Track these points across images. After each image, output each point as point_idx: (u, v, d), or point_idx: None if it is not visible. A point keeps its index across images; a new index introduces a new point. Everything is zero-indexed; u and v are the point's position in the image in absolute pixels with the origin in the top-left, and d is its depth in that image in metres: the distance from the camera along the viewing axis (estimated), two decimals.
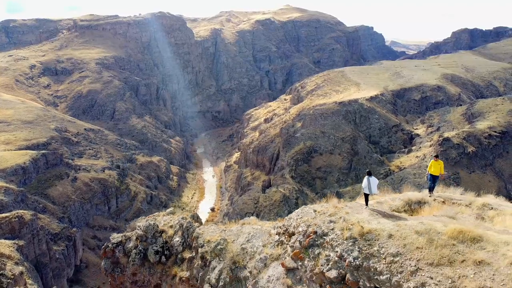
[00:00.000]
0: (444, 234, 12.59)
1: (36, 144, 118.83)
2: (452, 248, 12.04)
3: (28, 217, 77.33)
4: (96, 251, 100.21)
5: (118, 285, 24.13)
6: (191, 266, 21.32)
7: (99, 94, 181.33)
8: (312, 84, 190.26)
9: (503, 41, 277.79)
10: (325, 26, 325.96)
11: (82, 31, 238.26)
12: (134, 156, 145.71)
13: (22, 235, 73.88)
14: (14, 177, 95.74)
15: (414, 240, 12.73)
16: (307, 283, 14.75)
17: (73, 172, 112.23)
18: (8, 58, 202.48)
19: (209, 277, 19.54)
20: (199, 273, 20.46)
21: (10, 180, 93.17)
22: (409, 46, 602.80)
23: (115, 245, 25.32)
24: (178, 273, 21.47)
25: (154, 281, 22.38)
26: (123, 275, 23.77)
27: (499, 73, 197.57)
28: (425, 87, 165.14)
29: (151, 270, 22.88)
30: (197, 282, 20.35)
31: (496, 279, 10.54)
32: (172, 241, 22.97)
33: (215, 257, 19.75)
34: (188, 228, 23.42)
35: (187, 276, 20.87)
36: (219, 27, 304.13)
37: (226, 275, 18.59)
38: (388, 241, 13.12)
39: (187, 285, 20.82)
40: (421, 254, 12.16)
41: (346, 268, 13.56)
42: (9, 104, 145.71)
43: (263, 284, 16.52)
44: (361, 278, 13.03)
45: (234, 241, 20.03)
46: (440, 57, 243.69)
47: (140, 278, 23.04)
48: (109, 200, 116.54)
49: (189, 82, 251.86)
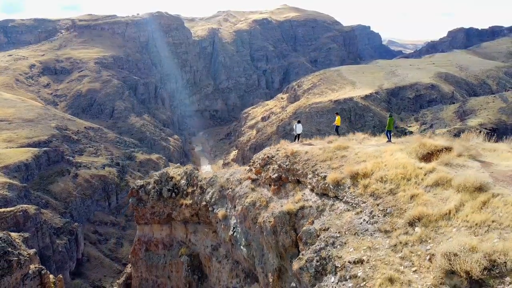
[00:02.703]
0: (331, 147, 21.36)
1: (38, 142, 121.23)
2: (333, 153, 20.71)
3: (32, 211, 79.90)
4: (97, 245, 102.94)
5: (141, 216, 32.99)
6: (192, 196, 30.18)
7: (98, 93, 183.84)
8: (308, 83, 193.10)
9: (497, 40, 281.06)
10: (322, 25, 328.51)
11: (80, 31, 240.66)
12: (133, 154, 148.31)
13: (26, 229, 76.31)
14: (17, 173, 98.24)
15: (316, 152, 21.59)
16: (262, 185, 23.93)
17: (74, 169, 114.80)
18: (8, 57, 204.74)
19: (205, 197, 28.84)
20: (198, 198, 29.47)
21: (13, 176, 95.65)
22: (406, 46, 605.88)
23: (138, 187, 34.15)
24: (183, 202, 29.65)
25: (167, 211, 30.72)
26: (144, 208, 32.63)
27: (492, 71, 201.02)
28: (419, 85, 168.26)
29: (164, 203, 31.79)
30: (197, 206, 29.44)
31: (348, 161, 19.06)
32: (179, 182, 31.21)
33: (209, 186, 28.95)
34: (190, 173, 32.17)
35: (190, 203, 29.80)
36: (216, 26, 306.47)
37: (216, 195, 27.95)
38: (304, 155, 21.80)
39: (190, 209, 29.79)
40: (318, 158, 20.85)
41: (281, 171, 22.30)
42: (10, 103, 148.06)
43: (237, 190, 25.31)
44: (289, 175, 21.84)
45: (222, 176, 28.82)
46: (435, 56, 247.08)
47: (156, 209, 31.85)
48: (109, 196, 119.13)
49: (187, 81, 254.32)
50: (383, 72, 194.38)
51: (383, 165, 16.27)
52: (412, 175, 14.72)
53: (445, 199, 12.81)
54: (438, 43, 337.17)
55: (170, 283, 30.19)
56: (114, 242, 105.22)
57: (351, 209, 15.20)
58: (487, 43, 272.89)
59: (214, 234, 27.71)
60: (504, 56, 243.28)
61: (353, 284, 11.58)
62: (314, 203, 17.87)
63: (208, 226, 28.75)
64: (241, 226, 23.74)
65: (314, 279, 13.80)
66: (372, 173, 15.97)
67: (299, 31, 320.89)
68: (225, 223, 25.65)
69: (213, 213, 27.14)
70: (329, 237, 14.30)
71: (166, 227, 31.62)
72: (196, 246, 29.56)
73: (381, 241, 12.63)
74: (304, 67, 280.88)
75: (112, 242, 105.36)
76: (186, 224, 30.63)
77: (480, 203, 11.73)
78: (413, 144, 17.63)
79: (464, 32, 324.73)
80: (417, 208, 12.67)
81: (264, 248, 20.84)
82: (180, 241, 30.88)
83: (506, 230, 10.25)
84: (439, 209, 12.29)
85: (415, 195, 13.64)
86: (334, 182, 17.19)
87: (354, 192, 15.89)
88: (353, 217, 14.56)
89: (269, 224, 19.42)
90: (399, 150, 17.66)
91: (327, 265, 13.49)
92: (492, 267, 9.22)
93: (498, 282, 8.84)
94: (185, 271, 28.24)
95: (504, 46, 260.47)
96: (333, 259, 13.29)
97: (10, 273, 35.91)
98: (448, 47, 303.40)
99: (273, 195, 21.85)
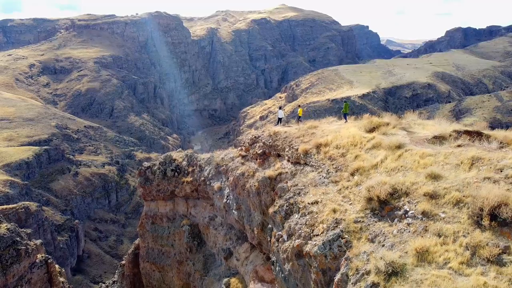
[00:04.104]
0: (304, 127, 25.23)
1: (38, 140, 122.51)
2: (305, 131, 24.48)
3: (34, 208, 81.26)
4: (98, 242, 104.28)
5: (148, 193, 37.73)
6: (193, 174, 34.14)
7: (97, 92, 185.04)
8: (306, 83, 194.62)
9: (494, 40, 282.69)
10: (320, 25, 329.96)
11: (80, 31, 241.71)
12: (132, 153, 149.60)
13: (28, 225, 77.62)
14: (19, 171, 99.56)
15: (293, 131, 25.62)
16: (250, 160, 28.10)
17: (75, 167, 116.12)
18: (8, 57, 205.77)
19: (203, 174, 33.64)
20: (198, 176, 34.23)
21: (14, 174, 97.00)
22: (405, 45, 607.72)
23: (146, 168, 38.79)
24: (185, 180, 34.17)
25: (171, 188, 35.12)
26: (151, 186, 37.02)
27: (488, 71, 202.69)
28: (416, 85, 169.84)
29: (168, 181, 36.33)
30: (196, 182, 34.15)
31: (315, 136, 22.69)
32: (181, 164, 35.79)
33: (207, 164, 33.72)
34: (191, 155, 37.03)
35: (190, 180, 33.87)
36: (215, 26, 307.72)
37: (213, 171, 32.75)
38: (284, 134, 25.69)
39: (190, 185, 34.56)
40: (293, 135, 24.63)
41: (266, 147, 26.35)
42: (10, 102, 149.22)
43: (230, 165, 29.73)
44: (271, 150, 25.82)
45: (218, 156, 33.44)
46: (432, 56, 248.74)
47: (161, 187, 36.44)
48: (109, 194, 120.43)
49: (186, 80, 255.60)
50: (381, 72, 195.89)
51: (339, 137, 20.83)
52: (358, 142, 19.38)
53: (377, 156, 17.35)
54: (436, 43, 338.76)
55: (173, 250, 35.18)
56: (114, 239, 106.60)
57: (314, 170, 19.86)
58: (484, 43, 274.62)
59: (211, 207, 32.70)
60: (501, 55, 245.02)
61: (309, 217, 16.49)
62: (289, 169, 22.16)
63: (206, 201, 33.67)
64: (233, 193, 28.20)
65: (284, 219, 18.65)
66: (331, 143, 20.57)
67: (298, 30, 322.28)
68: (220, 194, 30.36)
69: (210, 186, 31.87)
70: (297, 189, 19.21)
71: (169, 203, 36.33)
72: (196, 218, 34.24)
73: (332, 188, 17.35)
74: (303, 66, 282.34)
75: (112, 239, 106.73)
76: (187, 200, 35.59)
77: (397, 156, 16.48)
78: (363, 121, 22.75)
79: (462, 32, 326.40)
80: (357, 163, 17.36)
81: (251, 208, 25.37)
82: (182, 215, 35.63)
83: (408, 171, 15.13)
84: (371, 162, 16.95)
85: (358, 155, 18.19)
86: (304, 152, 21.59)
87: (317, 158, 20.41)
88: (315, 175, 19.24)
89: (254, 188, 23.97)
90: (353, 126, 22.30)
91: (293, 208, 18.34)
92: (394, 192, 13.95)
93: (396, 201, 13.69)
94: (186, 238, 33.43)
95: (501, 46, 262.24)
96: (298, 203, 18.12)
97: (19, 261, 37.76)
98: (446, 47, 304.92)
99: (259, 166, 26.21)
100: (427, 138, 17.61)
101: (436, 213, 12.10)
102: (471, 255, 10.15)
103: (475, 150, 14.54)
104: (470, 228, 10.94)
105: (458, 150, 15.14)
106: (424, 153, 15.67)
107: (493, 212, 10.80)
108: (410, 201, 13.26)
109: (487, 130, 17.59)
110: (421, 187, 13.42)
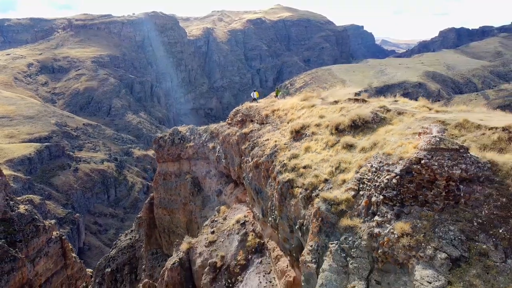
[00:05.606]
0: (267, 102, 35.33)
1: (38, 137, 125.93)
2: (269, 104, 33.85)
3: (37, 201, 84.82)
4: (98, 235, 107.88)
5: (160, 157, 48.33)
6: (194, 140, 46.28)
7: (95, 91, 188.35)
8: (300, 82, 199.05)
9: (485, 40, 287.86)
10: (315, 25, 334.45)
11: (77, 31, 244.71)
12: (130, 150, 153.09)
13: None
14: (21, 166, 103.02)
15: (261, 105, 34.42)
16: (233, 125, 36.85)
17: (75, 163, 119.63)
18: (6, 56, 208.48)
19: (202, 139, 44.55)
20: (198, 141, 45.08)
21: (17, 169, 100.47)
22: (400, 45, 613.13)
23: (159, 137, 50.01)
24: (188, 145, 46.33)
25: (177, 152, 46.59)
26: (163, 151, 47.84)
27: (478, 70, 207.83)
28: (407, 84, 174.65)
29: (176, 147, 46.86)
30: (197, 146, 44.90)
31: (273, 106, 32.33)
32: (185, 134, 48.29)
33: (204, 132, 44.33)
34: (193, 128, 48.11)
35: (192, 145, 45.63)
36: (211, 26, 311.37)
37: (209, 136, 43.10)
38: (255, 107, 34.95)
39: (192, 148, 45.32)
40: (261, 107, 33.57)
41: (243, 116, 34.98)
42: (10, 100, 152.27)
43: (220, 130, 39.48)
44: (247, 118, 34.17)
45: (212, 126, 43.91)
46: (424, 56, 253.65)
47: (170, 152, 47.01)
48: (108, 190, 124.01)
49: (182, 80, 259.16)
50: (373, 71, 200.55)
51: (286, 104, 31.14)
52: (295, 106, 29.49)
53: (301, 111, 27.97)
54: (430, 43, 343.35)
55: (179, 197, 45.59)
56: (114, 232, 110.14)
57: (270, 126, 30.12)
58: (476, 43, 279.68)
59: (207, 164, 44.16)
60: (491, 55, 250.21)
61: (259, 147, 27.49)
62: (257, 127, 32.07)
63: (203, 160, 44.62)
64: (222, 147, 38.63)
65: (250, 151, 29.28)
66: (280, 109, 30.77)
67: (293, 30, 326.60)
68: (213, 151, 41.29)
69: (207, 147, 42.52)
70: (258, 136, 29.73)
71: (176, 163, 47.56)
72: (196, 173, 45.82)
73: (277, 132, 27.54)
74: (297, 66, 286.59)
75: (112, 232, 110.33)
76: (189, 160, 46.65)
77: (310, 110, 26.84)
78: (301, 95, 33.07)
79: (455, 32, 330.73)
80: (290, 116, 28.20)
81: (233, 155, 35.50)
82: (185, 172, 47.10)
83: (312, 117, 25.12)
84: (298, 115, 27.44)
85: (293, 113, 28.47)
86: (265, 116, 31.76)
87: (272, 118, 30.81)
88: (270, 128, 29.72)
89: (235, 140, 34.58)
90: (295, 98, 32.48)
91: (255, 145, 28.83)
92: (303, 127, 24.00)
93: (303, 130, 23.75)
94: (189, 186, 43.96)
95: (492, 46, 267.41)
96: (258, 143, 28.62)
97: (38, 236, 43.10)
98: (439, 47, 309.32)
99: (239, 129, 35.61)
100: (330, 102, 28.20)
101: (317, 132, 22.83)
102: (325, 145, 21.03)
103: (344, 105, 25.41)
104: (328, 135, 21.64)
105: (338, 106, 25.91)
106: (322, 108, 26.16)
107: (337, 127, 21.71)
108: (308, 129, 23.72)
109: (369, 99, 27.49)
110: (314, 122, 24.00)
